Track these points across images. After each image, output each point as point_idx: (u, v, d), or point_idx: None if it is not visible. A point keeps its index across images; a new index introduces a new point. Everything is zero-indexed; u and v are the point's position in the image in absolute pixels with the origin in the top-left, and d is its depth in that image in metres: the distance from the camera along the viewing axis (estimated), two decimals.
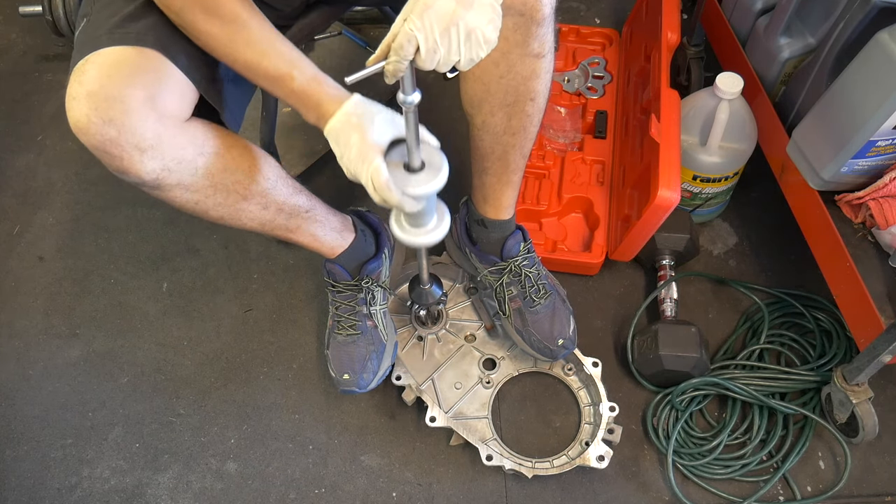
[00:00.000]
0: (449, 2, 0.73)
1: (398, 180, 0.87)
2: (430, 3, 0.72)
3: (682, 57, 1.64)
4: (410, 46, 0.73)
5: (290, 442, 1.29)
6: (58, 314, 1.46)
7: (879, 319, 1.05)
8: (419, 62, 0.74)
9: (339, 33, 1.83)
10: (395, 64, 0.73)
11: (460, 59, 0.76)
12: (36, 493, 1.25)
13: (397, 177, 0.87)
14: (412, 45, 0.73)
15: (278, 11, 1.08)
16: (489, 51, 0.78)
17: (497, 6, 0.76)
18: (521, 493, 1.22)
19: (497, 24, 0.77)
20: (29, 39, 1.96)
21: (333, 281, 1.23)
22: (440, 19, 0.73)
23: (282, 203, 1.06)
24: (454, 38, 0.74)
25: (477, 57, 0.77)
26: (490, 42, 0.77)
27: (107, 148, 0.83)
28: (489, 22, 0.75)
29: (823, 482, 1.22)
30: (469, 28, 0.74)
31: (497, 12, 0.76)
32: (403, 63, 0.73)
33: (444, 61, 0.75)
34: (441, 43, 0.74)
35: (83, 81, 0.82)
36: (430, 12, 0.72)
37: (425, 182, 0.87)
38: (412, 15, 0.73)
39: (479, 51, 0.77)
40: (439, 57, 0.75)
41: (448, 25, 0.73)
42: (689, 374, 1.25)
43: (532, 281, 1.23)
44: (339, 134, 0.86)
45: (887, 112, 0.99)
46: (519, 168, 1.16)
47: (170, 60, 0.87)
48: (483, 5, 0.75)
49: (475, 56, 0.77)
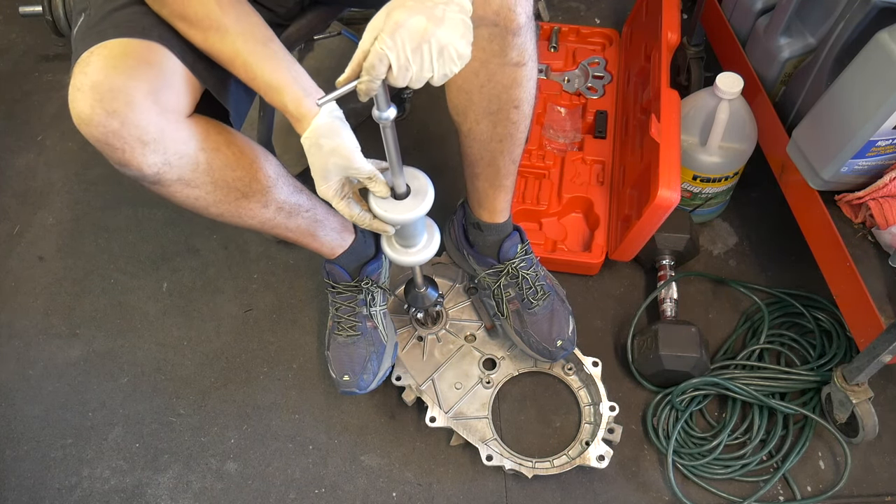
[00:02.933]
0: (420, 19, 0.72)
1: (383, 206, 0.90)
2: (401, 22, 0.71)
3: (682, 57, 1.64)
4: (382, 66, 0.72)
5: (290, 442, 1.29)
6: (58, 314, 1.46)
7: (879, 319, 1.05)
8: (391, 80, 0.74)
9: (339, 33, 1.83)
10: (367, 83, 0.73)
11: (433, 74, 0.76)
12: (36, 493, 1.26)
13: (382, 203, 0.90)
14: (384, 65, 0.72)
15: (273, 13, 1.08)
16: (462, 65, 0.77)
17: (468, 20, 0.76)
18: (521, 493, 1.23)
19: (469, 39, 0.76)
20: (29, 39, 1.96)
21: (333, 282, 1.23)
22: (412, 37, 0.72)
23: (282, 202, 1.06)
24: (426, 55, 0.73)
25: (450, 72, 0.77)
26: (464, 57, 0.76)
27: (109, 140, 0.83)
28: (461, 37, 0.75)
29: (823, 482, 1.22)
30: (441, 44, 0.73)
31: (468, 26, 0.76)
32: (375, 82, 0.73)
33: (417, 78, 0.75)
34: (413, 61, 0.73)
35: (88, 72, 0.82)
36: (402, 31, 0.71)
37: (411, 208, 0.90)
38: (383, 34, 0.72)
39: (452, 66, 0.76)
40: (411, 74, 0.74)
41: (420, 43, 0.72)
42: (689, 374, 1.25)
43: (530, 282, 1.23)
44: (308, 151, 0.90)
45: (887, 112, 0.99)
46: (510, 173, 1.15)
47: (175, 56, 0.87)
48: (454, 21, 0.74)
49: (448, 72, 0.76)
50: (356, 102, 0.80)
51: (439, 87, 0.83)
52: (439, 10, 0.73)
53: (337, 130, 0.87)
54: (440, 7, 0.73)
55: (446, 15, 0.73)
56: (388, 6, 0.73)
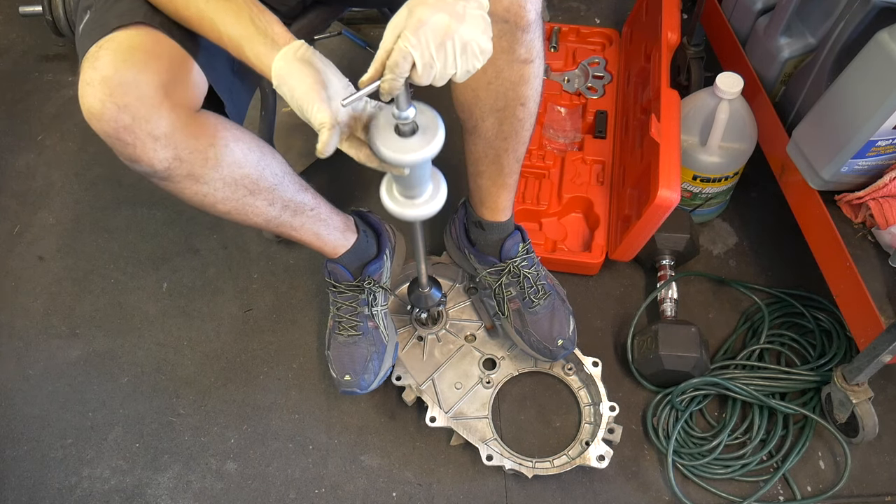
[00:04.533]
0: (442, 16, 0.71)
1: (387, 144, 0.80)
2: (425, 19, 0.71)
3: (682, 57, 1.64)
4: (406, 64, 0.71)
5: (290, 442, 1.29)
6: (58, 314, 1.46)
7: (879, 319, 1.05)
8: (415, 78, 0.73)
9: (339, 33, 1.84)
10: (390, 82, 0.72)
11: (457, 71, 0.75)
12: (36, 493, 1.25)
13: (386, 140, 0.80)
14: (408, 63, 0.71)
15: (275, 12, 1.08)
16: (485, 61, 0.77)
17: (486, 16, 0.75)
18: (521, 493, 1.23)
19: (489, 35, 0.76)
20: (29, 39, 1.96)
21: (335, 281, 1.23)
22: (436, 34, 0.71)
23: (288, 200, 1.05)
24: (450, 52, 0.73)
25: (473, 68, 0.76)
26: (486, 52, 0.76)
27: (120, 135, 0.82)
28: (482, 32, 0.75)
29: (823, 482, 1.22)
30: (465, 41, 0.73)
31: (488, 22, 0.75)
32: (399, 80, 0.72)
33: (441, 76, 0.74)
34: (437, 58, 0.72)
35: (97, 67, 0.81)
36: (426, 28, 0.71)
37: (418, 147, 0.80)
38: (406, 31, 0.71)
39: (475, 62, 0.76)
40: (435, 72, 0.73)
41: (444, 40, 0.72)
42: (689, 374, 1.25)
43: (531, 282, 1.23)
44: (287, 73, 0.80)
45: (887, 112, 0.99)
46: (513, 171, 1.16)
47: (181, 47, 0.87)
48: (475, 17, 0.74)
49: (471, 68, 0.76)
50: None
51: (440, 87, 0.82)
52: (460, 6, 0.73)
53: (291, 74, 0.79)
54: (461, 4, 0.73)
55: (467, 11, 0.73)
56: (408, 4, 0.73)
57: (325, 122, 0.77)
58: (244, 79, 1.05)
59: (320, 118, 0.78)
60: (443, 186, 0.92)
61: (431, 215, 0.92)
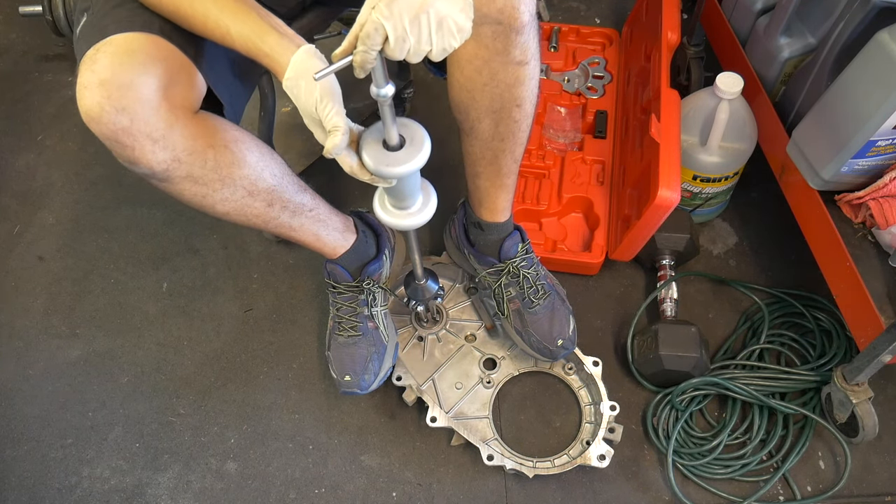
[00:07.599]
0: None
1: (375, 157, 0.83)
2: None
3: (682, 57, 1.64)
4: (378, 35, 0.70)
5: (290, 442, 1.29)
6: (58, 314, 1.46)
7: (879, 319, 1.05)
8: (388, 51, 0.71)
9: (339, 33, 1.83)
10: (362, 54, 0.70)
11: (432, 48, 0.73)
12: (36, 493, 1.25)
13: (374, 154, 0.83)
14: (380, 35, 0.70)
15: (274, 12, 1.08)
16: (462, 40, 0.74)
17: None
18: (521, 493, 1.23)
19: (469, 14, 0.73)
20: (29, 39, 1.96)
21: (334, 282, 1.23)
22: (409, 7, 0.69)
23: (287, 200, 1.06)
24: (424, 26, 0.71)
25: (450, 47, 0.74)
26: (464, 31, 0.74)
27: (119, 137, 0.82)
28: (461, 10, 0.72)
29: (823, 482, 1.22)
30: (440, 16, 0.71)
31: (468, 1, 0.73)
32: (371, 53, 0.70)
33: (415, 51, 0.72)
34: (411, 31, 0.70)
35: (95, 70, 0.81)
36: (400, 1, 0.69)
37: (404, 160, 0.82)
38: (380, 3, 0.69)
39: (451, 40, 0.73)
40: (409, 46, 0.71)
41: (418, 13, 0.70)
42: (689, 374, 1.25)
43: (530, 282, 1.23)
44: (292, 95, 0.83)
45: (887, 112, 0.99)
46: (511, 172, 1.15)
47: (179, 50, 0.87)
48: None
49: (447, 46, 0.74)
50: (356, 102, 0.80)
51: (441, 87, 0.82)
52: None
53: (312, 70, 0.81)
54: None
55: None
56: None
57: (340, 125, 0.81)
58: (244, 80, 1.05)
59: (336, 121, 0.81)
60: (433, 197, 0.97)
61: (421, 225, 0.97)
